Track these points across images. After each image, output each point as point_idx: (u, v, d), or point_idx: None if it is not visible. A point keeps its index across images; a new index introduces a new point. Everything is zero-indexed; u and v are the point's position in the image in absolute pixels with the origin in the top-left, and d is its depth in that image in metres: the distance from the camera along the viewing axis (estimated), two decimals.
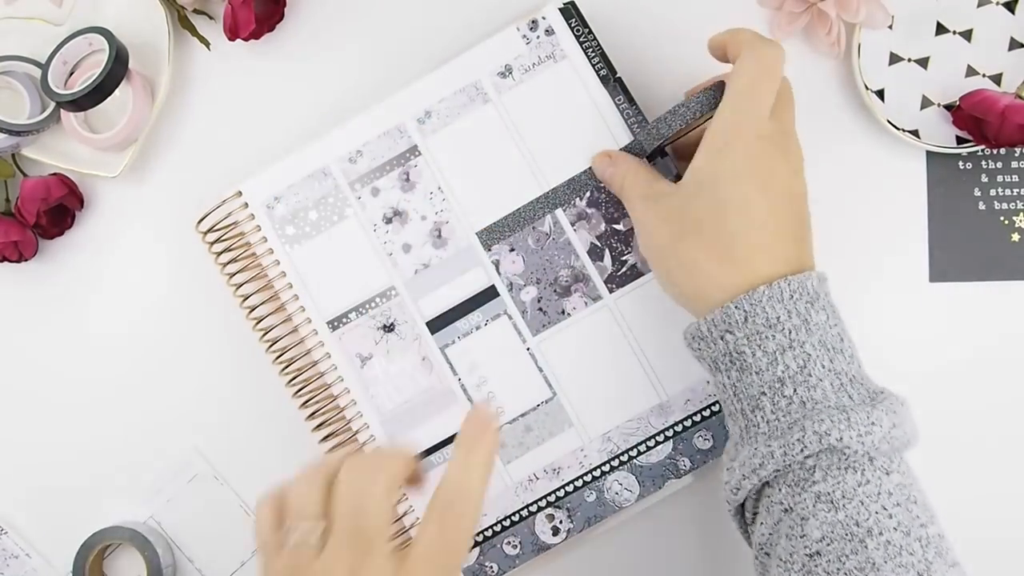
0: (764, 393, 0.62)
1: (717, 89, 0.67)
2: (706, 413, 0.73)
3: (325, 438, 0.74)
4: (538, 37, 0.73)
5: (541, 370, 0.73)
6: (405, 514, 0.74)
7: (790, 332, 0.61)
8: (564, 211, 0.73)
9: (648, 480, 0.73)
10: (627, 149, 0.72)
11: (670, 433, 0.73)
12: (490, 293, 0.73)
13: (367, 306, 0.74)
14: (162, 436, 0.79)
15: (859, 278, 0.77)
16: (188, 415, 0.79)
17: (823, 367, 0.61)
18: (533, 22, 0.73)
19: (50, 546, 0.80)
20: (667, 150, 0.73)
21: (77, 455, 0.79)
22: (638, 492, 0.73)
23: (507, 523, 0.73)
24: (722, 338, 0.63)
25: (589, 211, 0.73)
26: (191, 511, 0.79)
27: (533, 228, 0.73)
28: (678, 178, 0.67)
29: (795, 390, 0.61)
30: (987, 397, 0.77)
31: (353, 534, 0.54)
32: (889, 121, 0.75)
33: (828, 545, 0.58)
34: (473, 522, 0.55)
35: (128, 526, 0.77)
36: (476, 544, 0.74)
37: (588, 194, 0.73)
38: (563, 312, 0.73)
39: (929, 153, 0.77)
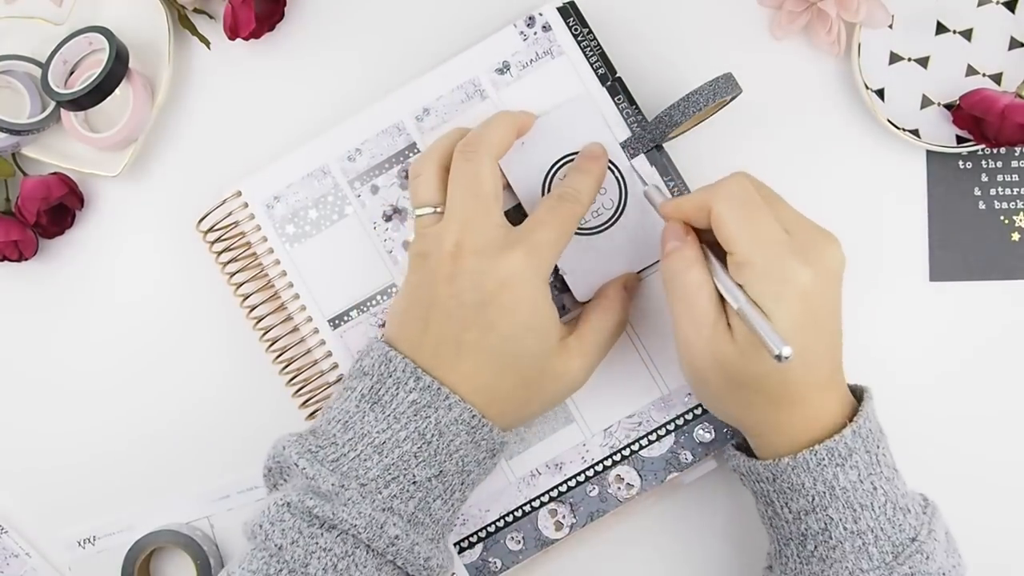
0: (792, 539, 0.66)
1: (726, 77, 0.67)
2: None
3: None
4: (535, 33, 0.73)
5: None
6: None
7: (813, 498, 0.63)
8: None
9: (650, 474, 0.73)
10: (634, 139, 0.72)
11: (671, 427, 0.73)
12: None
13: (368, 304, 0.74)
14: (161, 435, 0.79)
15: (859, 278, 0.76)
16: (187, 415, 0.78)
17: (844, 529, 0.63)
18: (530, 18, 0.73)
19: (49, 545, 0.79)
20: (663, 147, 0.73)
21: (76, 453, 0.79)
22: (640, 486, 0.72)
23: (510, 518, 0.73)
24: (757, 483, 0.67)
25: None
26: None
27: None
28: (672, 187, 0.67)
29: (816, 547, 0.64)
30: (987, 397, 0.77)
31: (471, 199, 0.64)
32: (889, 121, 0.75)
33: None
34: (576, 217, 0.66)
35: (176, 528, 0.78)
36: (479, 540, 0.73)
37: None
38: (563, 308, 0.73)
39: (929, 153, 0.77)
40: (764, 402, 0.64)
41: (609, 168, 0.72)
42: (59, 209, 0.77)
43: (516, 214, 0.72)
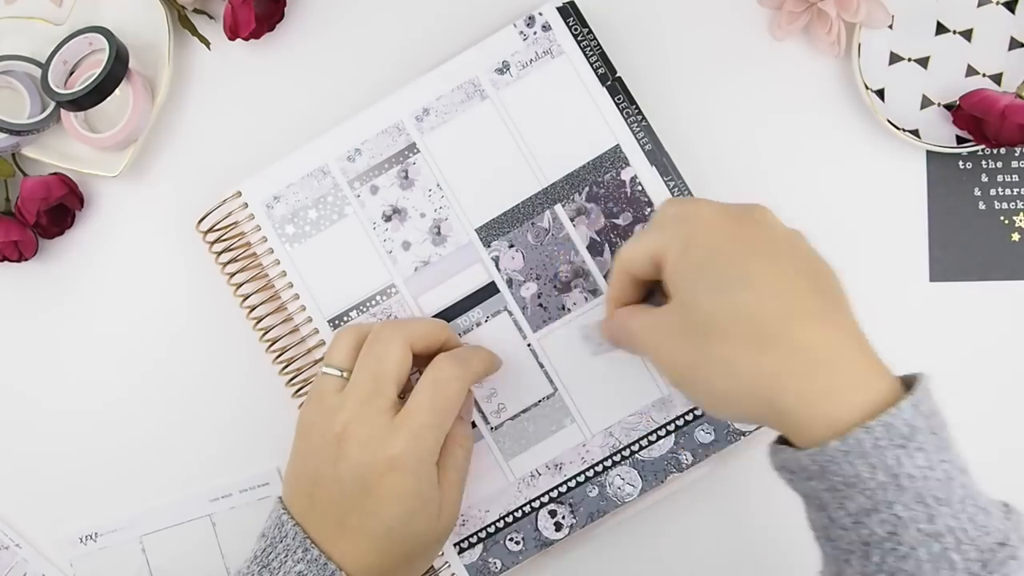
0: (853, 552, 0.54)
1: None
2: None
3: None
4: (535, 33, 0.73)
5: (542, 366, 0.73)
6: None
7: (874, 492, 0.52)
8: (563, 206, 0.73)
9: (650, 474, 0.73)
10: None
11: (671, 427, 0.73)
12: (490, 289, 0.73)
13: (368, 304, 0.74)
14: (161, 435, 0.79)
15: (859, 278, 0.76)
16: (187, 414, 0.79)
17: (919, 531, 0.51)
18: (530, 18, 0.73)
19: (50, 542, 0.79)
20: (663, 147, 0.73)
21: (72, 450, 0.79)
22: (640, 487, 0.73)
23: (510, 519, 0.73)
24: (806, 481, 0.55)
25: (588, 206, 0.73)
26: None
27: (532, 224, 0.73)
28: None
29: (883, 558, 0.52)
30: (987, 397, 0.77)
31: (368, 379, 0.65)
32: (889, 121, 0.75)
33: None
34: (463, 383, 0.66)
35: None
36: (479, 540, 0.73)
37: (587, 189, 0.73)
38: (563, 308, 0.73)
39: (929, 153, 0.77)
40: (738, 348, 0.55)
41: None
42: (59, 209, 0.77)
43: None
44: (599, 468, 0.73)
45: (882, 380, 0.54)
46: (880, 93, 0.76)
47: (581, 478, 0.73)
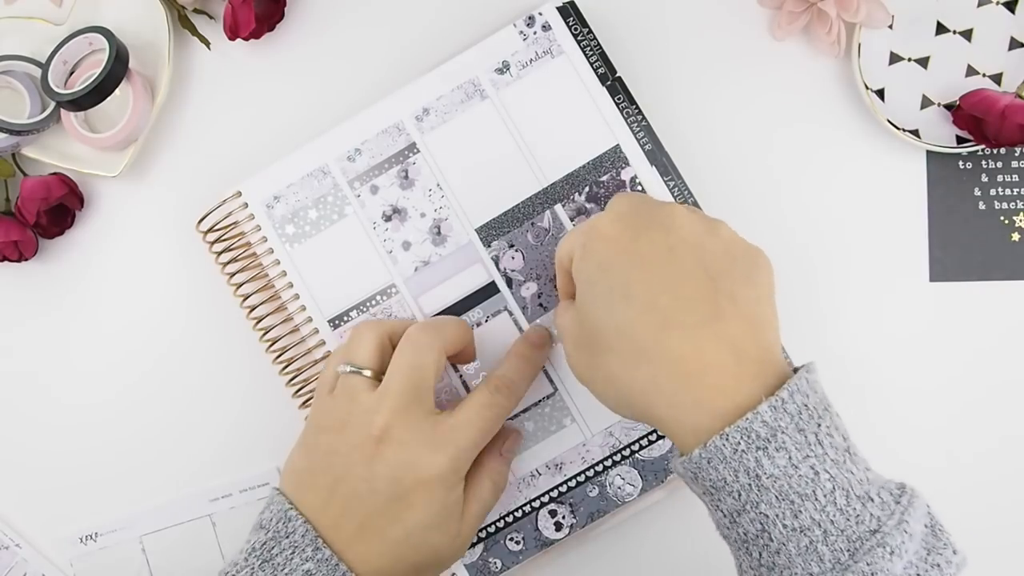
0: (739, 548, 0.56)
1: None
2: None
3: None
4: (535, 33, 0.73)
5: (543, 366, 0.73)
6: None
7: (740, 494, 0.54)
8: (563, 206, 0.73)
9: (650, 474, 0.73)
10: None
11: None
12: (490, 289, 0.73)
13: (368, 304, 0.74)
14: (161, 434, 0.79)
15: (859, 278, 0.76)
16: (187, 414, 0.79)
17: (784, 527, 0.53)
18: (530, 18, 0.73)
19: (50, 541, 0.79)
20: (663, 147, 0.73)
21: (72, 450, 0.79)
22: (640, 486, 0.73)
23: (510, 519, 0.73)
24: (691, 484, 0.58)
25: (588, 206, 0.73)
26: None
27: (532, 224, 0.73)
28: None
29: (760, 553, 0.54)
30: (987, 397, 0.77)
31: (409, 387, 0.64)
32: (889, 121, 0.75)
33: None
34: (507, 412, 0.67)
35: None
36: (479, 540, 0.73)
37: (587, 189, 0.73)
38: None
39: (929, 153, 0.77)
40: (620, 364, 0.58)
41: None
42: (59, 209, 0.77)
43: None
44: (599, 468, 0.73)
45: (753, 382, 0.56)
46: (880, 93, 0.76)
47: (581, 478, 0.73)
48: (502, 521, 0.73)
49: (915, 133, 0.75)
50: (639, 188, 0.73)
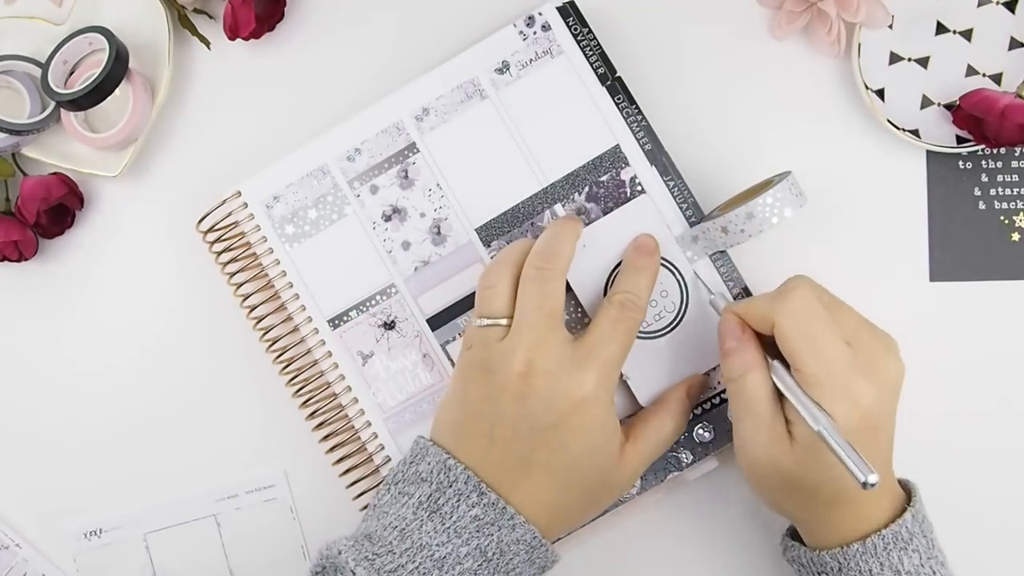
0: None
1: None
2: (707, 406, 0.73)
3: (326, 437, 0.74)
4: (535, 33, 0.73)
5: None
6: None
7: None
8: (563, 206, 0.73)
9: (650, 474, 0.72)
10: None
11: None
12: None
13: (368, 304, 0.74)
14: (161, 434, 0.79)
15: (859, 278, 0.76)
16: (187, 414, 0.79)
17: None
18: (530, 18, 0.73)
19: (45, 531, 0.80)
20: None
21: (77, 453, 0.79)
22: (640, 486, 0.72)
23: None
24: (819, 573, 0.66)
25: (588, 206, 0.73)
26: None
27: (532, 224, 0.73)
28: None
29: None
30: (987, 397, 0.77)
31: (543, 318, 0.64)
32: (889, 121, 0.75)
33: None
34: (638, 324, 0.67)
35: None
36: None
37: (587, 189, 0.73)
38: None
39: (929, 153, 0.76)
40: (818, 504, 0.64)
41: (668, 268, 0.72)
42: (59, 209, 0.77)
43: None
44: None
45: (888, 500, 0.65)
46: (880, 93, 0.75)
47: None
48: None
49: (915, 133, 0.75)
50: (639, 188, 0.73)
